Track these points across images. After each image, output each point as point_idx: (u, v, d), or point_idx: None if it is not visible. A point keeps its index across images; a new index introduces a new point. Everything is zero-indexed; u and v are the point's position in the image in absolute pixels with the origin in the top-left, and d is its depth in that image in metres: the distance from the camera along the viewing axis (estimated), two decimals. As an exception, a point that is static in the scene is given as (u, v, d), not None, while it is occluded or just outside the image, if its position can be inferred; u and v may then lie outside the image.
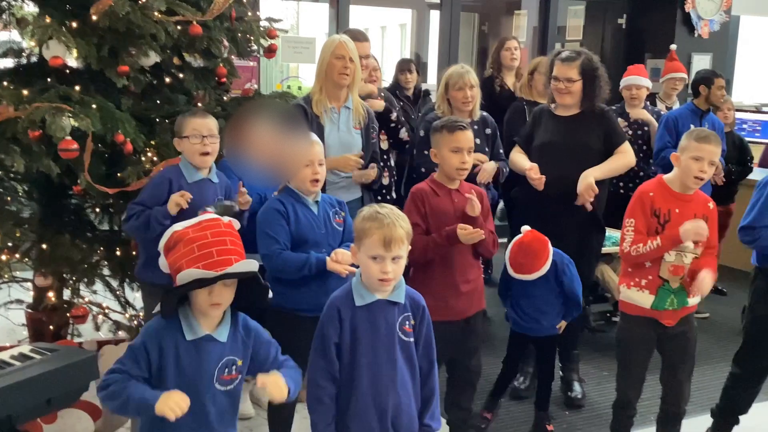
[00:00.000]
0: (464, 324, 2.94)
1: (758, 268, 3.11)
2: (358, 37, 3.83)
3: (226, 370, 2.08)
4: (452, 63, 5.61)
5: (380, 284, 2.14)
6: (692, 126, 4.67)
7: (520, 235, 3.16)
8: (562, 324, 3.31)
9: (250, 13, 3.73)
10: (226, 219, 2.13)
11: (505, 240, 3.42)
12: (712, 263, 2.86)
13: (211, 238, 2.02)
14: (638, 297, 2.88)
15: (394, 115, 3.96)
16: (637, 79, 4.78)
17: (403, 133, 4.01)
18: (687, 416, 3.39)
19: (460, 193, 2.92)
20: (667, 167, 2.94)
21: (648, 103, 4.86)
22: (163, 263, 2.10)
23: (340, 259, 2.66)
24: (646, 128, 4.77)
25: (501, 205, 5.48)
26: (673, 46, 5.63)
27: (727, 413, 3.27)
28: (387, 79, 5.57)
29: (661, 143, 4.49)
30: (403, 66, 5.39)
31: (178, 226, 2.09)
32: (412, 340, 2.24)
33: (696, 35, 6.63)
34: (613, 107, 5.08)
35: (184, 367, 2.02)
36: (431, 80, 7.21)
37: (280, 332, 2.69)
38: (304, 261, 2.68)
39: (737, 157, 4.91)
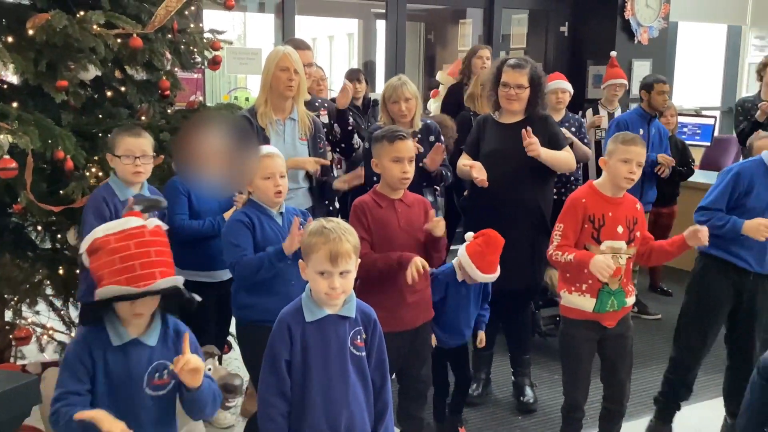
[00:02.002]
0: (413, 334, 2.93)
1: (701, 253, 3.26)
2: (300, 45, 3.83)
3: (157, 374, 2.04)
4: (399, 72, 5.66)
5: (328, 298, 2.13)
6: (641, 130, 4.80)
7: (467, 242, 3.10)
8: (482, 336, 3.29)
9: (192, 25, 3.69)
10: (149, 222, 2.07)
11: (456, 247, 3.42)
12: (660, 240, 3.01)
13: (134, 249, 1.98)
14: (580, 301, 2.93)
15: (351, 120, 3.96)
16: (561, 83, 4.89)
17: (356, 142, 4.00)
18: (639, 414, 3.48)
19: (403, 203, 2.92)
20: None
21: (568, 111, 4.95)
22: (86, 260, 2.06)
23: (292, 230, 2.63)
24: (572, 130, 4.86)
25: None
26: (614, 53, 5.77)
27: (668, 399, 3.36)
28: (335, 88, 5.56)
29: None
30: (352, 76, 5.40)
31: (100, 231, 2.03)
32: (364, 354, 2.22)
33: (636, 41, 6.78)
34: (591, 107, 5.20)
35: (112, 373, 1.99)
36: (380, 90, 7.22)
37: (253, 347, 2.70)
38: (262, 257, 2.68)
39: (679, 159, 5.04)
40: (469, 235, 3.11)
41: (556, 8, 7.17)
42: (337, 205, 4.16)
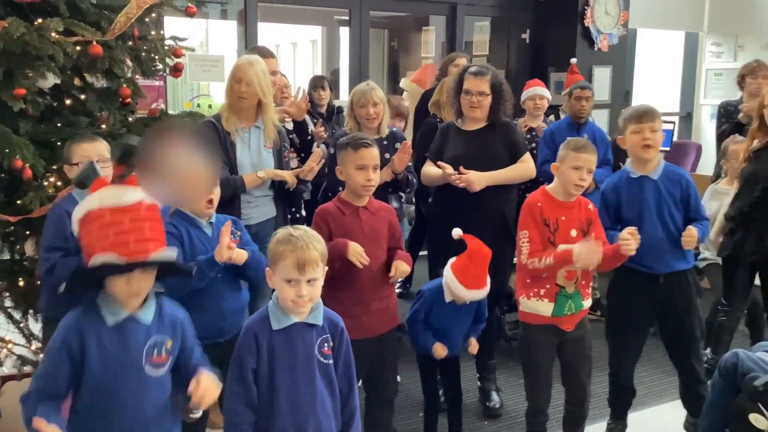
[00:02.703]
0: (379, 341, 2.92)
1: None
2: (264, 53, 3.83)
3: (155, 351, 2.03)
4: (363, 79, 5.67)
5: (295, 306, 2.12)
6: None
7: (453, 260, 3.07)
8: (474, 344, 3.26)
9: (153, 32, 3.64)
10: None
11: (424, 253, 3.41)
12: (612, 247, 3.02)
13: (127, 225, 1.96)
14: (539, 306, 2.97)
15: (310, 128, 3.95)
16: (539, 90, 4.95)
17: (324, 150, 3.99)
18: (603, 416, 3.53)
19: (368, 210, 2.91)
20: (550, 179, 3.07)
21: (546, 116, 5.02)
22: (76, 229, 2.03)
23: (222, 231, 2.59)
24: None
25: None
26: (573, 60, 5.84)
27: (616, 399, 3.41)
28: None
29: (542, 157, 4.63)
30: (315, 83, 5.40)
31: (95, 202, 1.99)
32: (331, 362, 2.23)
33: (596, 48, 6.89)
34: (516, 120, 5.24)
35: (108, 355, 1.96)
36: (344, 96, 7.23)
37: None
38: (195, 266, 2.59)
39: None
40: (456, 232, 3.08)
41: (517, 16, 7.26)
42: (303, 212, 4.15)
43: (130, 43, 3.45)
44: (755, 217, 3.61)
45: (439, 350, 3.07)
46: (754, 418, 2.56)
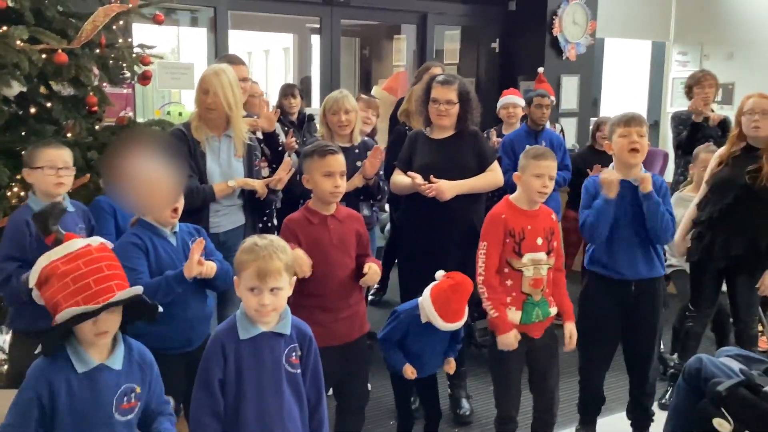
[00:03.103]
0: (347, 348, 2.91)
1: (584, 269, 3.37)
2: (234, 61, 3.81)
3: (125, 398, 2.01)
4: (335, 87, 5.69)
5: (258, 315, 2.12)
6: (528, 145, 4.91)
7: (436, 282, 3.06)
8: (452, 363, 3.25)
9: (121, 40, 3.63)
10: (93, 240, 2.04)
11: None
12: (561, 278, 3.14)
13: (84, 268, 1.94)
14: (507, 314, 3.00)
15: (281, 139, 3.94)
16: (513, 99, 5.00)
17: (294, 158, 3.99)
18: (571, 422, 3.55)
19: (336, 218, 2.91)
20: (513, 188, 3.11)
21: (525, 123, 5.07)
22: (36, 296, 2.01)
23: (193, 248, 2.56)
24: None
25: (388, 226, 5.56)
26: (541, 69, 5.93)
27: (585, 405, 3.44)
28: (271, 103, 5.55)
29: (503, 167, 4.66)
30: (286, 91, 5.39)
31: (44, 260, 1.99)
32: (299, 371, 2.23)
33: (564, 58, 6.96)
34: (494, 128, 5.29)
35: (78, 402, 1.93)
36: (316, 104, 7.23)
37: None
38: (159, 281, 2.57)
39: None
40: (440, 274, 3.08)
41: (487, 25, 7.32)
42: (275, 221, 4.13)
43: (97, 50, 3.43)
44: (724, 224, 3.67)
45: (408, 372, 3.07)
46: (718, 423, 2.60)
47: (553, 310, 3.09)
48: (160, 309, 2.09)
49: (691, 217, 3.86)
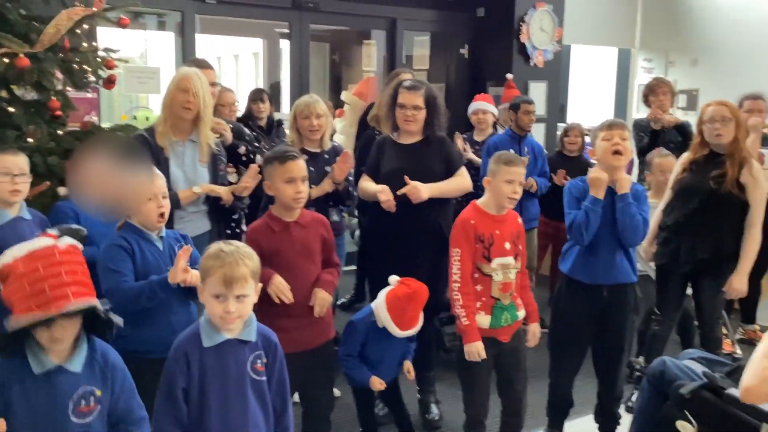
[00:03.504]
0: (312, 354, 2.89)
1: (553, 273, 3.35)
2: (203, 65, 3.78)
3: (83, 401, 1.96)
4: (305, 92, 5.67)
5: (223, 323, 2.10)
6: (512, 150, 4.98)
7: (391, 287, 3.08)
8: (409, 366, 3.27)
9: (85, 44, 3.59)
10: (61, 241, 1.99)
11: (353, 268, 3.41)
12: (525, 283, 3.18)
13: (42, 271, 1.90)
14: (476, 318, 3.01)
15: (242, 149, 3.90)
16: (483, 105, 5.04)
17: (260, 161, 3.95)
18: (539, 426, 3.57)
19: (299, 224, 2.89)
20: None
21: (494, 130, 5.12)
22: None
23: (180, 254, 2.54)
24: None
25: (358, 231, 5.55)
26: (509, 76, 5.97)
27: (553, 408, 3.47)
28: (241, 109, 5.52)
29: (483, 170, 4.72)
30: (255, 96, 5.36)
31: (6, 257, 1.94)
32: (264, 378, 2.21)
33: (532, 64, 7.02)
34: (465, 134, 5.33)
35: (34, 403, 1.90)
36: (286, 110, 7.21)
37: None
38: (143, 285, 2.56)
39: None
40: (394, 279, 3.08)
41: (456, 31, 7.36)
42: (244, 227, 4.09)
43: (61, 54, 3.39)
44: (690, 228, 3.72)
45: (377, 383, 3.06)
46: (681, 425, 2.63)
47: (521, 314, 3.11)
48: (120, 324, 2.04)
49: (657, 222, 3.91)
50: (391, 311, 2.98)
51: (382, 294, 3.04)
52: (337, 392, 3.82)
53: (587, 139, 6.14)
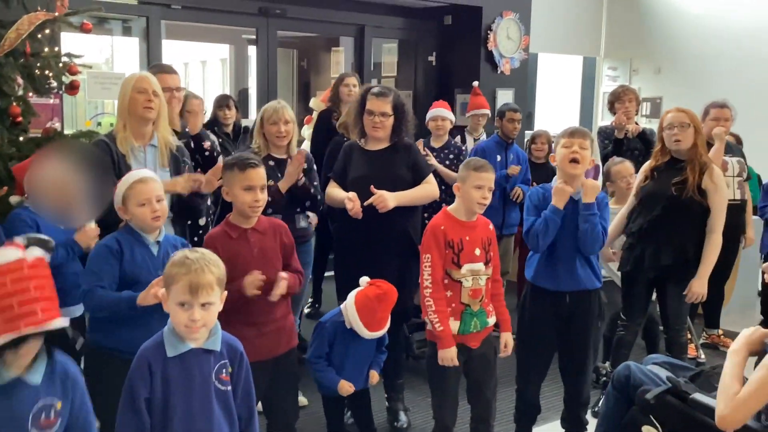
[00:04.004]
0: (275, 363, 2.86)
1: (520, 279, 3.38)
2: (166, 69, 3.74)
3: (43, 414, 1.91)
4: (272, 98, 5.63)
5: (188, 331, 2.07)
6: (499, 156, 5.03)
7: (360, 288, 3.07)
8: (375, 376, 3.27)
9: (47, 49, 3.52)
10: (29, 253, 1.93)
11: (332, 274, 3.37)
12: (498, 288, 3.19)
13: (10, 287, 1.84)
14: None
15: (207, 144, 3.85)
16: (441, 111, 5.08)
17: (222, 161, 3.90)
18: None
19: (257, 231, 2.87)
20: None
21: (450, 137, 5.14)
22: None
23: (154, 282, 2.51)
24: (451, 157, 5.02)
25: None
26: (476, 83, 6.01)
27: (521, 414, 3.47)
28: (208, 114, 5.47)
29: None
30: (221, 102, 5.33)
31: None
32: (229, 388, 2.18)
33: (499, 72, 7.08)
34: (422, 140, 5.34)
35: None
36: (253, 116, 7.16)
37: (95, 373, 2.54)
38: (115, 301, 2.53)
39: None
40: (364, 280, 3.06)
41: (423, 39, 7.38)
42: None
43: (22, 60, 3.33)
44: (653, 235, 3.77)
45: (346, 387, 3.04)
46: (647, 430, 2.65)
47: (491, 320, 3.11)
48: (78, 346, 2.00)
49: (615, 227, 3.94)
50: (360, 312, 2.97)
51: (352, 295, 3.03)
52: (303, 401, 3.79)
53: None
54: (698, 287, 3.72)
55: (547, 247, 3.20)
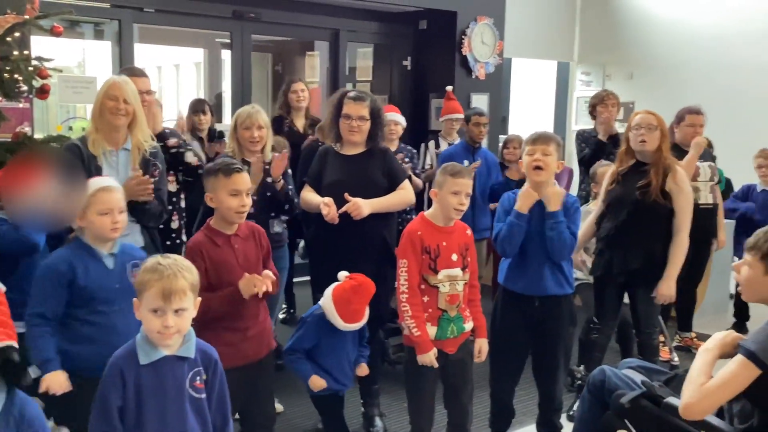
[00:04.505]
0: (256, 367, 2.85)
1: (494, 283, 3.38)
2: (137, 73, 3.71)
3: None
4: (246, 103, 5.59)
5: (161, 338, 2.04)
6: (466, 161, 5.04)
7: (339, 283, 3.06)
8: (364, 367, 3.25)
9: (17, 52, 3.46)
10: None
11: (307, 278, 3.35)
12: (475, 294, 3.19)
13: None
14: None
15: (172, 141, 3.80)
16: (394, 116, 5.10)
17: (190, 157, 3.85)
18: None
19: (239, 237, 2.85)
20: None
21: (401, 142, 5.14)
22: None
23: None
24: (407, 160, 5.03)
25: (302, 243, 5.49)
26: (449, 88, 6.03)
27: (495, 418, 3.48)
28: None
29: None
30: (196, 107, 5.28)
31: None
32: (203, 396, 2.15)
33: (474, 76, 7.10)
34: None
35: None
36: (227, 120, 7.11)
37: (61, 399, 2.48)
38: (40, 350, 2.48)
39: None
40: (342, 275, 3.05)
41: (398, 43, 7.39)
42: (184, 237, 3.99)
43: (-9, 63, 3.26)
44: (621, 239, 3.80)
45: (317, 382, 3.01)
46: (622, 433, 2.67)
47: (468, 326, 3.11)
48: (32, 375, 1.96)
49: (585, 232, 3.97)
50: (337, 303, 2.96)
51: (330, 289, 3.02)
52: (279, 407, 3.76)
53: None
54: (666, 289, 3.75)
55: (519, 251, 3.21)
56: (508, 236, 3.15)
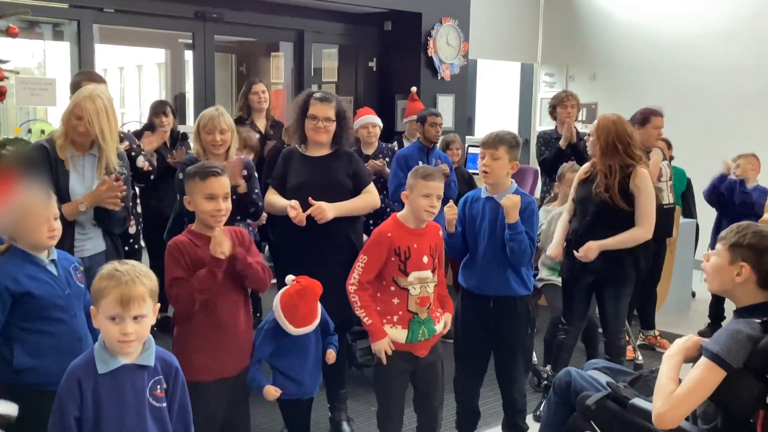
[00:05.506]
0: (238, 380, 2.81)
1: (460, 285, 3.38)
2: (93, 78, 3.64)
3: None
4: (209, 104, 5.54)
5: (120, 346, 1.99)
6: (420, 162, 5.02)
7: (287, 287, 3.00)
8: (332, 354, 3.14)
9: (-30, 53, 3.38)
10: None
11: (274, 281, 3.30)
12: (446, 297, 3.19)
13: None
14: (392, 333, 2.99)
15: (124, 145, 3.72)
16: (371, 118, 5.08)
17: (140, 162, 3.79)
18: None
19: None
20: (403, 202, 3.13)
21: (380, 142, 5.14)
22: None
23: None
24: (387, 161, 5.03)
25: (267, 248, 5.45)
26: (414, 89, 6.04)
27: (461, 420, 3.48)
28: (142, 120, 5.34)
29: (396, 180, 4.76)
30: (158, 109, 5.18)
31: None
32: (164, 405, 2.10)
33: (439, 78, 7.12)
34: (354, 148, 5.31)
35: None
36: (190, 122, 7.02)
37: (36, 414, 2.35)
38: None
39: (467, 190, 5.30)
40: (289, 278, 3.00)
41: (363, 44, 7.37)
42: (142, 242, 3.94)
43: (-57, 64, 3.17)
44: (587, 240, 3.81)
45: (271, 392, 2.93)
46: (588, 435, 2.67)
47: (439, 328, 3.09)
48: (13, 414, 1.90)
49: (561, 230, 4.00)
50: (284, 309, 2.88)
51: (277, 295, 2.97)
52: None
53: (474, 150, 6.30)
54: (587, 249, 3.72)
55: (472, 251, 3.24)
56: (447, 248, 3.18)
